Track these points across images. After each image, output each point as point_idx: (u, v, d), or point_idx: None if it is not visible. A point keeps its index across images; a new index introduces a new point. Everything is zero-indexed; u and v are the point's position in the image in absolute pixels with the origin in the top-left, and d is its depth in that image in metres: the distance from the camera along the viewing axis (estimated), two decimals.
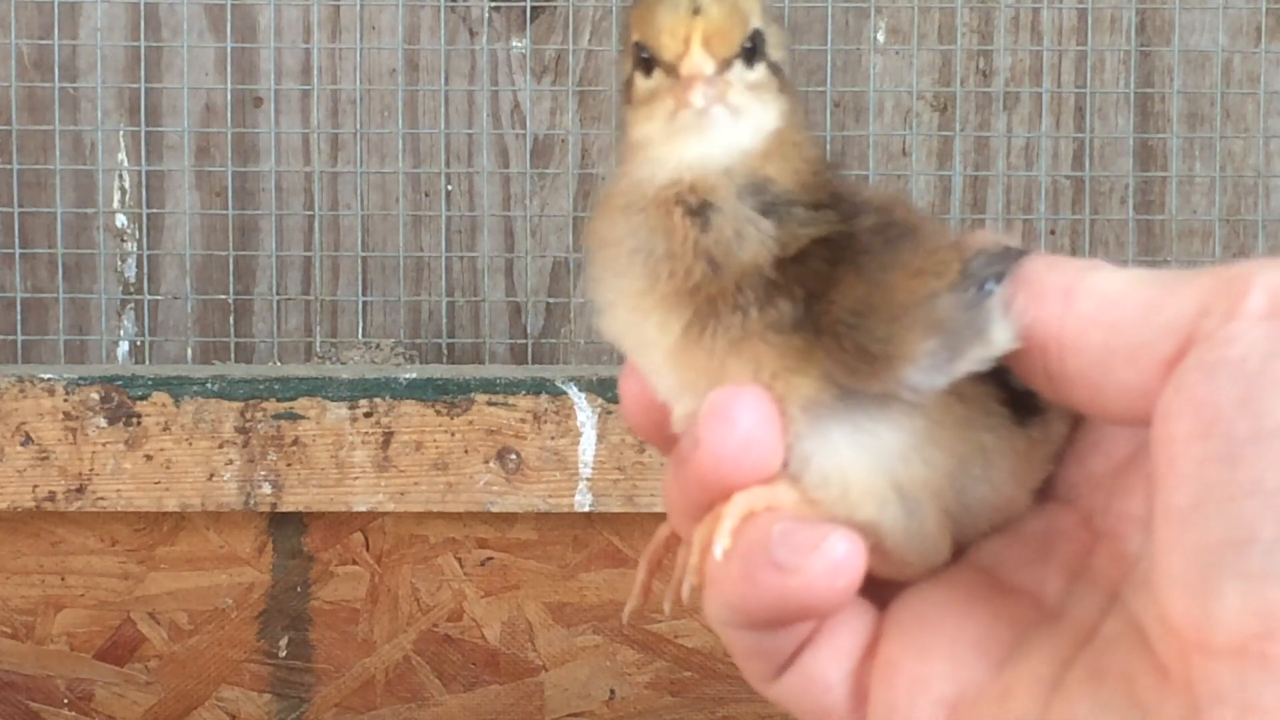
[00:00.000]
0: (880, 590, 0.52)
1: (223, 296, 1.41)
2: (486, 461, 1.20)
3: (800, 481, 0.50)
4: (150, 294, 1.41)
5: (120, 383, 1.20)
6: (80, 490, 1.20)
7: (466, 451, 1.20)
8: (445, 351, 1.42)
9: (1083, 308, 0.47)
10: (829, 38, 1.40)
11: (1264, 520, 0.41)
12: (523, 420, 1.20)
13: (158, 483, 1.20)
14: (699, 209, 0.51)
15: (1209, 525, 0.42)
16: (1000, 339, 0.49)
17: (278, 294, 1.42)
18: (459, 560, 1.25)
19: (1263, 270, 0.44)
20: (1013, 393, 0.51)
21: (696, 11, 0.51)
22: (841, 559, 0.48)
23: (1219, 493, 0.42)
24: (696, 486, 0.50)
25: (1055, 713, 0.47)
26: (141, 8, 1.39)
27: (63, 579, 1.25)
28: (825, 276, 0.50)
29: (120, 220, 1.41)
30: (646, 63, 0.52)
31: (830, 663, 0.51)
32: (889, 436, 0.49)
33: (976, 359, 0.49)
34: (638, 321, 0.51)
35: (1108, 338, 0.46)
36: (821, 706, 0.51)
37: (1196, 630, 0.42)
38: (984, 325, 0.49)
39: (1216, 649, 0.41)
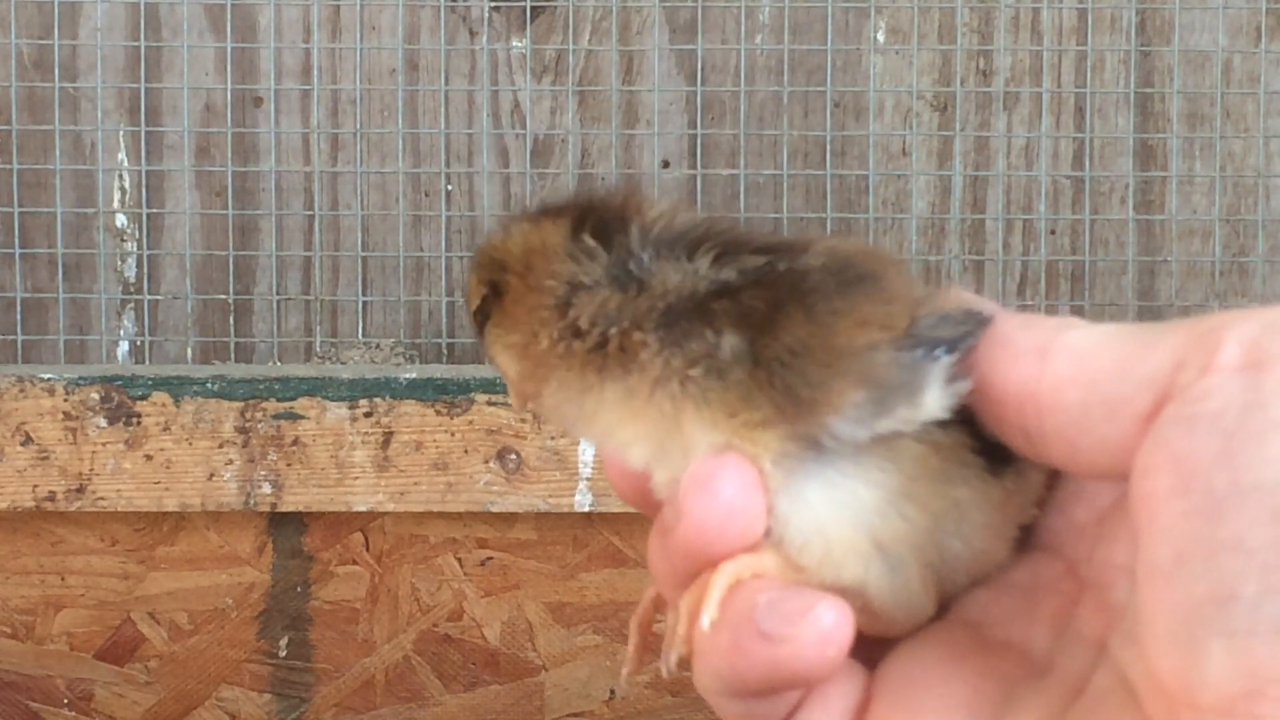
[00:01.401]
0: (870, 650, 0.51)
1: (223, 296, 1.41)
2: (486, 461, 1.20)
3: (783, 546, 0.49)
4: (150, 294, 1.41)
5: (120, 383, 1.20)
6: (80, 490, 1.20)
7: (466, 451, 1.20)
8: (445, 351, 1.42)
9: (1058, 366, 0.47)
10: (829, 38, 1.40)
11: (1246, 577, 0.41)
12: (523, 420, 1.20)
13: (158, 483, 1.20)
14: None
15: (1192, 582, 0.42)
16: (931, 405, 0.48)
17: (278, 294, 1.42)
18: (459, 560, 1.25)
19: (1235, 322, 0.44)
20: (985, 441, 0.50)
21: None
22: (830, 627, 0.47)
23: (1201, 549, 0.42)
24: (681, 557, 0.50)
25: None
26: (141, 8, 1.39)
27: (63, 579, 1.25)
28: (768, 317, 0.49)
29: (120, 220, 1.41)
30: None
31: None
32: (864, 493, 0.49)
33: (903, 419, 0.48)
34: (589, 411, 0.52)
35: (1084, 395, 0.46)
36: None
37: (1184, 688, 0.42)
38: (918, 388, 0.48)
39: (1204, 707, 0.41)
